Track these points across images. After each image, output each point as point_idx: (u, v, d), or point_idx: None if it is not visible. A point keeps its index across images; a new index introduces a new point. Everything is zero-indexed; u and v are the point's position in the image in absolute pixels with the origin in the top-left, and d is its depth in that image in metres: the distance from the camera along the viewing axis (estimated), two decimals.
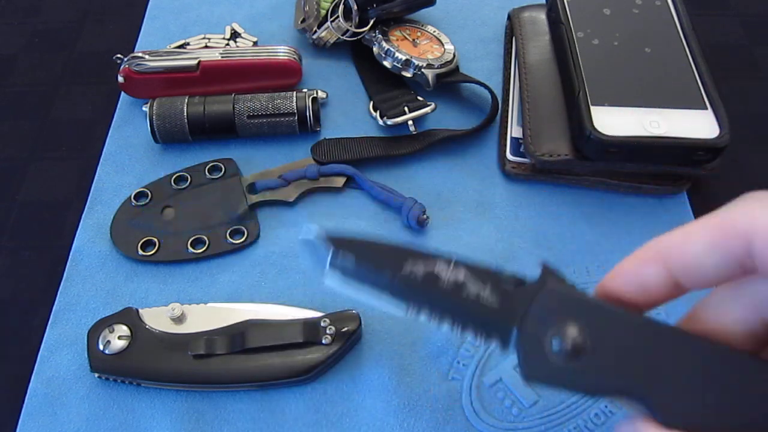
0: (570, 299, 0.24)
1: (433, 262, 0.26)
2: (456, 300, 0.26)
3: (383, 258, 0.27)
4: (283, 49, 0.48)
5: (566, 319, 0.24)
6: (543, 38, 0.48)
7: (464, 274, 0.26)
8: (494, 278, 0.26)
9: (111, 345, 0.36)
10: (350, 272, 0.27)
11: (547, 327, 0.24)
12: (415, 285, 0.26)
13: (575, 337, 0.23)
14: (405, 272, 0.26)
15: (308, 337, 0.36)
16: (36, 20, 0.56)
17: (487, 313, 0.25)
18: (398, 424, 0.35)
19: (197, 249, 0.41)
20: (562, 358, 0.23)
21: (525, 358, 0.24)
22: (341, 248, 0.27)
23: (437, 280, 0.26)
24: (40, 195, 0.45)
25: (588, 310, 0.24)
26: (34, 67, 0.53)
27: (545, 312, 0.24)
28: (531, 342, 0.24)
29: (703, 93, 0.41)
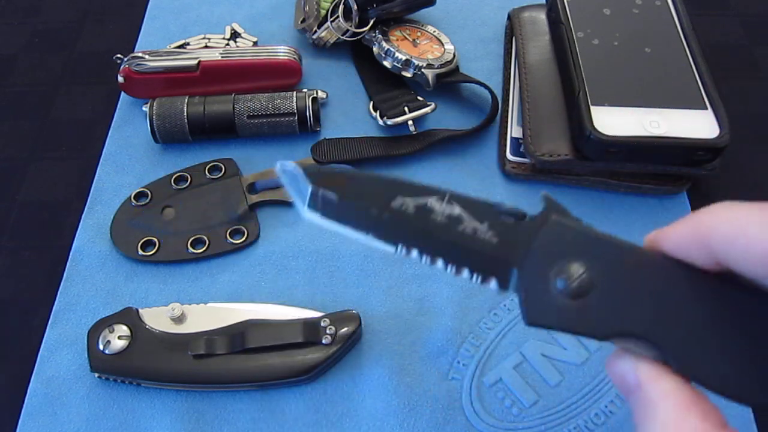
0: (576, 234, 0.23)
1: (425, 195, 0.24)
2: (450, 236, 0.24)
3: (370, 193, 0.25)
4: (283, 49, 0.48)
5: (572, 255, 0.22)
6: (543, 38, 0.48)
7: (460, 208, 0.24)
8: (493, 212, 0.24)
9: (111, 345, 0.36)
10: (333, 209, 0.25)
11: (550, 264, 0.22)
12: (406, 220, 0.24)
13: (581, 274, 0.22)
14: (394, 207, 0.24)
15: (308, 337, 0.36)
16: (36, 20, 0.56)
17: (484, 250, 0.24)
18: (398, 424, 0.35)
19: (197, 249, 0.41)
20: (568, 297, 0.22)
21: (527, 298, 0.23)
22: (323, 184, 0.25)
23: (430, 215, 0.24)
24: (40, 195, 0.45)
25: (596, 245, 0.22)
26: (34, 67, 0.53)
27: (549, 248, 0.23)
28: (533, 281, 0.22)
29: (703, 93, 0.41)
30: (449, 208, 0.24)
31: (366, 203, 0.25)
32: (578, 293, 0.22)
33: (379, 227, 0.25)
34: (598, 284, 0.22)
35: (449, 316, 0.39)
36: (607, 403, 0.36)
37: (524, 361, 0.37)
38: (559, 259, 0.22)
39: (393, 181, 0.25)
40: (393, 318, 0.39)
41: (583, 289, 0.22)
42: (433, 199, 0.24)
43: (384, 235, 0.25)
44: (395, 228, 0.24)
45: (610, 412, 0.35)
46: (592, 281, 0.22)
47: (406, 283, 0.40)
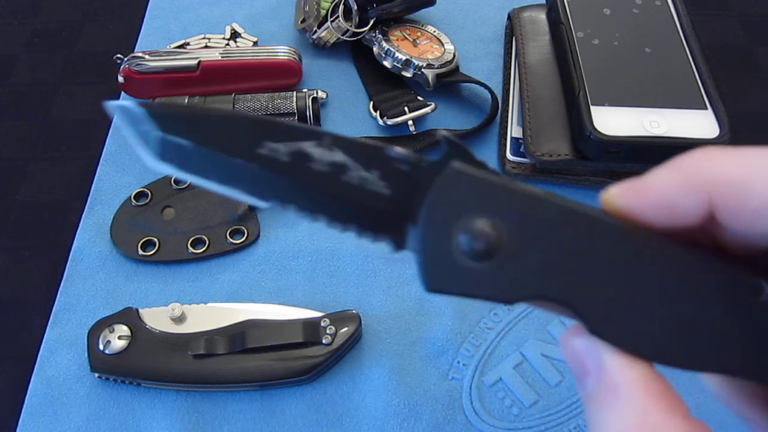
0: (481, 184, 0.19)
1: (301, 139, 0.21)
2: (333, 188, 0.20)
3: (233, 137, 0.21)
4: (283, 49, 0.48)
5: (476, 209, 0.19)
6: (543, 38, 0.48)
7: (344, 154, 0.20)
8: (384, 158, 0.20)
9: (111, 345, 0.36)
10: (187, 158, 0.21)
11: (451, 220, 0.19)
12: (278, 170, 0.21)
13: (488, 231, 0.19)
14: (263, 154, 0.21)
15: (308, 337, 0.36)
16: (36, 20, 0.56)
17: (375, 203, 0.20)
18: (398, 424, 0.35)
19: (197, 249, 0.41)
20: (473, 258, 0.19)
21: (425, 260, 0.19)
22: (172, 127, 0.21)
23: (307, 163, 0.20)
24: (40, 195, 0.45)
25: (504, 196, 0.19)
26: (34, 67, 0.53)
27: (449, 201, 0.19)
28: (432, 240, 0.19)
29: (703, 93, 0.41)
30: (331, 155, 0.20)
31: (228, 150, 0.21)
32: (484, 254, 0.19)
33: (246, 179, 0.21)
34: (508, 242, 0.19)
35: (449, 316, 0.39)
36: None
37: (524, 361, 0.37)
38: (461, 215, 0.19)
39: (261, 122, 0.21)
40: (393, 318, 0.39)
41: (489, 249, 0.19)
42: (311, 143, 0.20)
43: (252, 188, 0.21)
44: (265, 180, 0.21)
45: None
46: (501, 239, 0.19)
47: (406, 283, 0.40)
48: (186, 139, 0.21)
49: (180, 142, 0.21)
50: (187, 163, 0.21)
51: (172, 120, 0.21)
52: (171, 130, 0.21)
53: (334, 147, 0.20)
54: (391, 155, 0.20)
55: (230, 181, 0.21)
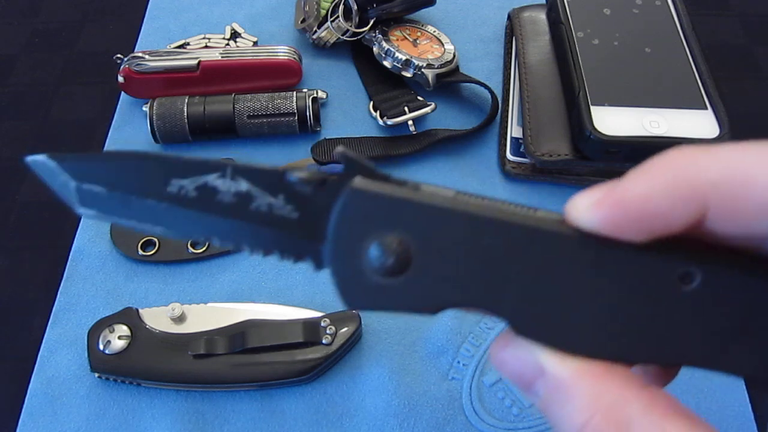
0: (382, 198, 0.19)
1: (202, 173, 0.21)
2: (243, 216, 0.21)
3: (140, 179, 0.21)
4: (283, 49, 0.48)
5: (382, 224, 0.19)
6: (543, 38, 0.48)
7: (247, 182, 0.21)
8: (285, 183, 0.20)
9: (111, 345, 0.36)
10: (105, 204, 0.22)
11: (359, 238, 0.19)
12: (188, 205, 0.21)
13: (395, 246, 0.19)
14: (172, 192, 0.21)
15: (308, 337, 0.36)
16: (36, 20, 0.56)
17: (286, 227, 0.21)
18: (398, 424, 0.35)
19: (197, 249, 0.41)
20: (384, 274, 0.19)
21: (339, 281, 0.20)
22: (84, 175, 0.22)
23: (215, 196, 0.21)
24: (40, 195, 0.45)
25: (407, 209, 0.19)
26: (34, 67, 0.53)
27: (354, 219, 0.19)
28: (342, 260, 0.19)
29: (703, 93, 0.41)
30: (235, 185, 0.21)
31: (138, 192, 0.21)
32: (395, 269, 0.19)
33: (164, 218, 0.21)
34: (417, 255, 0.19)
35: (449, 316, 0.39)
36: None
37: None
38: (367, 232, 0.19)
39: (163, 161, 0.21)
40: (393, 318, 0.39)
41: (399, 264, 0.19)
42: (213, 176, 0.21)
43: (171, 227, 0.21)
44: (181, 216, 0.21)
45: None
46: (409, 253, 0.19)
47: None
48: (99, 185, 0.22)
49: (94, 189, 0.22)
50: (107, 208, 0.22)
51: (83, 168, 0.22)
52: (84, 179, 0.22)
53: (237, 176, 0.21)
54: (290, 180, 0.20)
55: (151, 221, 0.22)
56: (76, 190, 0.22)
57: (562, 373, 0.18)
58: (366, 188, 0.19)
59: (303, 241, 0.21)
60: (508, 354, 0.20)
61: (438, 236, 0.19)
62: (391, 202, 0.19)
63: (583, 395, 0.18)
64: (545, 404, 0.19)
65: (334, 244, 0.20)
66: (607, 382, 0.18)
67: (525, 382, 0.19)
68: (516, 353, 0.19)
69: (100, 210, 0.22)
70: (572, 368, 0.18)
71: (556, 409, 0.18)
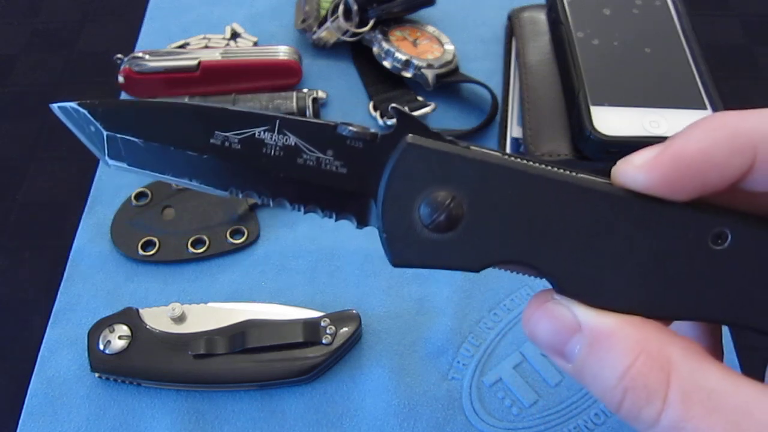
0: (436, 154, 0.19)
1: (250, 125, 0.21)
2: (289, 170, 0.21)
3: (181, 130, 0.21)
4: (283, 49, 0.49)
5: (434, 180, 0.19)
6: (543, 38, 0.48)
7: (296, 136, 0.20)
8: (336, 137, 0.20)
9: (111, 345, 0.36)
10: (140, 155, 0.21)
11: (411, 193, 0.19)
12: (232, 159, 0.21)
13: (448, 202, 0.19)
14: (216, 144, 0.21)
15: (308, 337, 0.36)
16: (36, 20, 0.57)
17: (333, 182, 0.21)
18: (398, 424, 0.35)
19: (197, 249, 0.41)
20: (435, 230, 0.19)
21: (388, 236, 0.20)
22: (118, 125, 0.21)
23: (261, 149, 0.21)
24: (40, 195, 0.45)
25: (460, 165, 0.19)
26: (34, 67, 0.53)
27: (407, 174, 0.19)
28: (393, 215, 0.19)
29: (703, 93, 0.41)
30: (282, 138, 0.20)
31: (179, 143, 0.21)
32: (446, 225, 0.19)
33: (201, 171, 0.21)
34: (468, 211, 0.19)
35: (449, 316, 0.39)
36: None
37: (524, 360, 0.37)
38: (419, 188, 0.19)
39: (208, 111, 0.21)
40: (393, 318, 0.39)
41: (450, 220, 0.19)
42: (261, 129, 0.21)
43: (210, 179, 0.21)
44: (221, 169, 0.21)
45: (610, 412, 0.35)
46: (461, 209, 0.19)
47: (406, 283, 0.40)
48: (134, 135, 0.21)
49: (128, 139, 0.21)
50: (139, 160, 0.21)
51: (117, 117, 0.21)
52: (118, 128, 0.21)
53: (285, 130, 0.21)
54: (343, 133, 0.20)
55: (186, 174, 0.21)
56: (108, 141, 0.21)
57: (602, 324, 0.19)
58: (420, 143, 0.19)
59: (348, 197, 0.21)
60: (543, 313, 0.20)
61: (489, 193, 0.19)
62: (446, 157, 0.19)
63: (625, 341, 0.18)
64: (582, 359, 0.19)
65: (386, 199, 0.20)
66: (647, 330, 0.18)
67: (559, 340, 0.19)
68: (553, 311, 0.20)
69: (131, 162, 0.21)
70: (612, 320, 0.19)
71: (595, 361, 0.19)
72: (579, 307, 0.19)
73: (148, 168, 0.21)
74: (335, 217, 0.21)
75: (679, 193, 0.19)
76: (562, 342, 0.20)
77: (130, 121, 0.21)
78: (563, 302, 0.20)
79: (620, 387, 0.18)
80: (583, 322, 0.19)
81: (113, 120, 0.21)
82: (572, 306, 0.19)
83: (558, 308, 0.20)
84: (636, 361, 0.18)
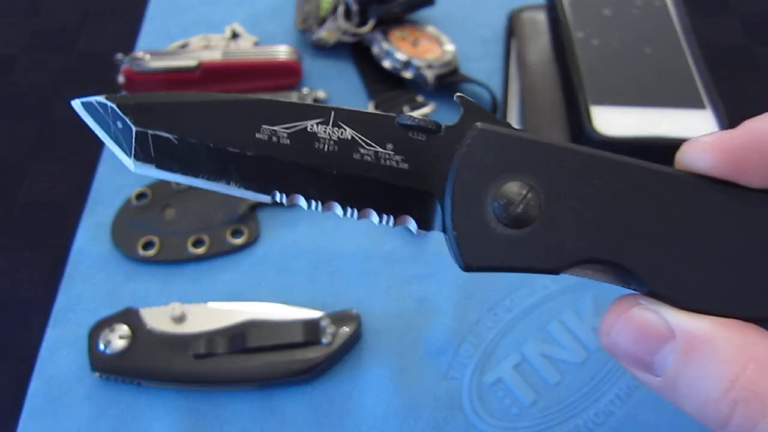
0: (509, 142, 0.18)
1: (301, 118, 0.18)
2: (344, 167, 0.18)
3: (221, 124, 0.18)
4: (284, 50, 0.49)
5: (509, 170, 0.17)
6: (543, 38, 0.48)
7: (352, 129, 0.18)
8: (397, 129, 0.18)
9: (112, 345, 0.36)
10: (172, 155, 0.19)
11: (482, 187, 0.18)
12: (279, 154, 0.18)
13: (524, 193, 0.17)
14: (261, 139, 0.18)
15: (308, 336, 0.36)
16: (36, 20, 0.56)
17: (393, 179, 0.18)
18: (398, 424, 0.35)
19: (197, 249, 0.41)
20: (510, 225, 0.17)
21: (459, 235, 0.18)
22: (150, 121, 0.19)
23: (313, 144, 0.18)
24: (40, 195, 0.45)
25: (538, 153, 0.18)
26: (34, 67, 0.53)
27: (478, 164, 0.18)
28: (463, 210, 0.18)
29: (703, 93, 0.41)
30: (338, 131, 0.18)
31: (220, 140, 0.18)
32: (522, 219, 0.17)
33: (244, 171, 0.18)
34: (547, 203, 0.17)
35: (449, 316, 0.39)
36: (606, 403, 0.36)
37: (524, 360, 0.37)
38: (492, 179, 0.17)
39: (254, 104, 0.19)
40: (393, 318, 0.39)
41: (527, 213, 0.17)
42: (314, 121, 0.18)
43: (251, 181, 0.19)
44: (266, 169, 0.18)
45: (610, 412, 0.35)
46: (538, 201, 0.17)
47: (406, 283, 0.40)
48: (168, 131, 0.19)
49: (161, 135, 0.19)
50: (171, 160, 0.19)
51: (149, 112, 0.19)
52: (149, 124, 0.19)
53: (341, 122, 0.18)
54: (405, 124, 0.18)
55: (224, 176, 0.19)
56: (137, 138, 0.19)
57: (699, 329, 0.17)
58: (492, 129, 0.18)
59: (410, 197, 0.19)
60: (627, 321, 0.18)
61: (569, 183, 0.17)
62: (521, 143, 0.18)
63: (728, 347, 0.16)
64: (675, 371, 0.17)
65: (455, 192, 0.18)
66: (749, 333, 0.16)
67: (647, 351, 0.17)
68: (639, 318, 0.18)
69: (161, 163, 0.19)
70: (709, 324, 0.17)
71: (693, 371, 0.17)
72: (670, 311, 0.17)
73: (179, 170, 0.19)
74: (393, 221, 0.19)
75: (752, 177, 0.17)
76: (650, 353, 0.17)
77: (164, 116, 0.19)
78: (650, 307, 0.17)
79: (727, 399, 0.16)
80: (677, 327, 0.17)
81: (145, 114, 0.19)
82: (662, 310, 0.17)
83: (645, 314, 0.17)
84: (745, 369, 0.16)
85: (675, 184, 0.18)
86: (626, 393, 0.36)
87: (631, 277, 0.18)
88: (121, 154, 0.19)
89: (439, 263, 0.40)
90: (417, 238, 0.42)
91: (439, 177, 0.18)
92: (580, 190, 0.17)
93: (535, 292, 0.39)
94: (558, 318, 0.38)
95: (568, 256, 0.17)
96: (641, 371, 0.18)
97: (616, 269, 0.18)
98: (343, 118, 0.18)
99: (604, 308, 0.20)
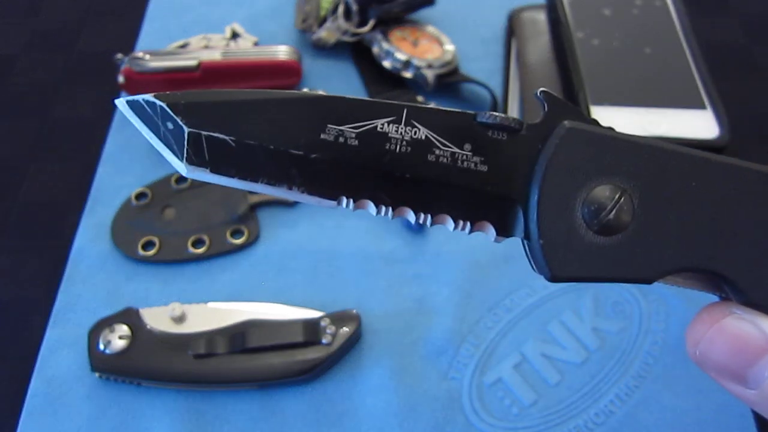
0: (602, 141, 0.16)
1: (372, 117, 0.17)
2: (418, 171, 0.17)
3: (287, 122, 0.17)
4: (284, 49, 0.49)
5: (600, 172, 0.16)
6: (543, 38, 0.48)
7: (427, 128, 0.17)
8: (476, 128, 0.17)
9: (112, 345, 0.36)
10: (229, 158, 0.17)
11: (572, 189, 0.16)
12: (347, 158, 0.17)
13: (618, 196, 0.16)
14: (327, 140, 0.17)
15: (308, 336, 0.36)
16: (36, 20, 0.56)
17: (471, 182, 0.17)
18: (398, 424, 0.35)
19: (198, 249, 0.41)
20: (601, 232, 0.16)
21: (546, 243, 0.16)
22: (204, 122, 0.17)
23: (384, 145, 0.17)
24: (40, 195, 0.45)
25: (631, 154, 0.16)
26: (34, 67, 0.53)
27: (567, 166, 0.16)
28: (551, 216, 0.16)
29: (703, 93, 0.41)
30: (411, 131, 0.17)
31: (282, 142, 0.17)
32: (615, 225, 0.16)
33: (307, 176, 0.17)
34: (641, 208, 0.16)
35: (449, 315, 0.39)
36: (606, 403, 0.36)
37: (524, 360, 0.37)
38: (582, 182, 0.16)
39: (319, 102, 0.17)
40: (393, 318, 0.39)
41: (620, 220, 0.16)
42: (385, 120, 0.17)
43: (315, 186, 0.17)
44: (332, 172, 0.17)
45: (610, 412, 0.35)
46: (632, 206, 0.16)
47: (406, 283, 0.40)
48: (224, 133, 0.17)
49: (217, 137, 0.17)
50: (229, 164, 0.17)
51: (203, 112, 0.18)
52: (203, 125, 0.18)
53: (415, 121, 0.17)
54: (485, 122, 0.17)
55: (285, 180, 0.17)
56: (189, 140, 0.18)
57: None
58: (582, 128, 0.16)
59: (489, 201, 0.17)
60: (721, 331, 0.17)
61: (665, 186, 0.16)
62: (614, 143, 0.16)
63: None
64: None
65: (542, 196, 0.16)
66: None
67: (742, 363, 0.16)
68: (734, 328, 0.16)
69: (216, 167, 0.17)
70: None
71: None
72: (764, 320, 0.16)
73: (236, 174, 0.18)
74: (470, 228, 0.18)
75: None
76: (744, 365, 0.16)
77: (219, 116, 0.18)
78: (746, 317, 0.16)
79: None
80: None
81: (199, 115, 0.18)
82: (759, 321, 0.16)
83: (741, 324, 0.16)
84: None
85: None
86: (626, 393, 0.36)
87: (726, 285, 0.17)
88: (171, 158, 0.18)
89: (439, 263, 0.40)
90: (417, 238, 0.42)
91: (522, 180, 0.17)
92: (677, 194, 0.16)
93: (535, 292, 0.39)
94: (558, 318, 0.38)
95: (663, 266, 0.16)
96: (733, 383, 0.17)
97: (710, 277, 0.17)
98: (416, 116, 0.17)
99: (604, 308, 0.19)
